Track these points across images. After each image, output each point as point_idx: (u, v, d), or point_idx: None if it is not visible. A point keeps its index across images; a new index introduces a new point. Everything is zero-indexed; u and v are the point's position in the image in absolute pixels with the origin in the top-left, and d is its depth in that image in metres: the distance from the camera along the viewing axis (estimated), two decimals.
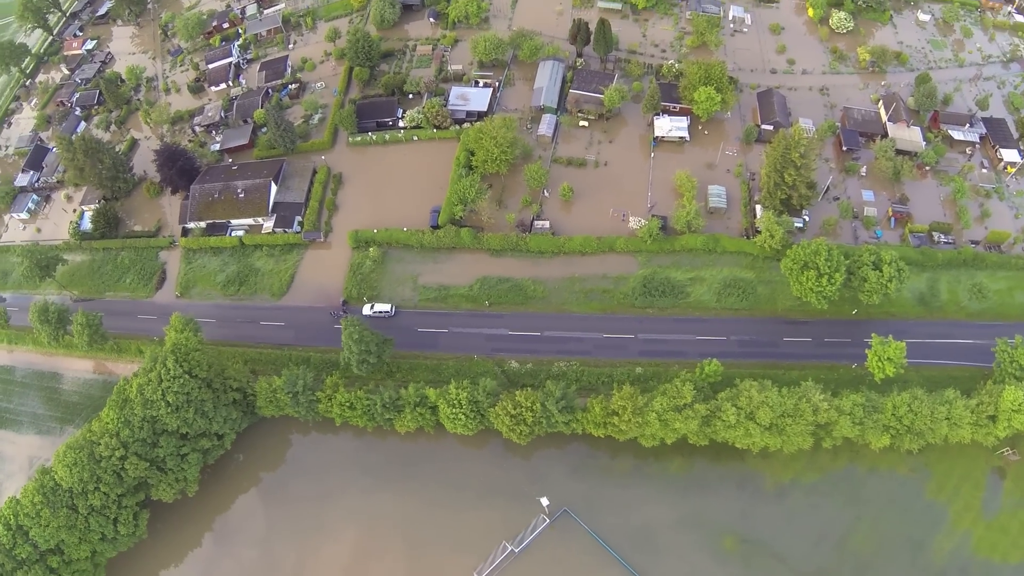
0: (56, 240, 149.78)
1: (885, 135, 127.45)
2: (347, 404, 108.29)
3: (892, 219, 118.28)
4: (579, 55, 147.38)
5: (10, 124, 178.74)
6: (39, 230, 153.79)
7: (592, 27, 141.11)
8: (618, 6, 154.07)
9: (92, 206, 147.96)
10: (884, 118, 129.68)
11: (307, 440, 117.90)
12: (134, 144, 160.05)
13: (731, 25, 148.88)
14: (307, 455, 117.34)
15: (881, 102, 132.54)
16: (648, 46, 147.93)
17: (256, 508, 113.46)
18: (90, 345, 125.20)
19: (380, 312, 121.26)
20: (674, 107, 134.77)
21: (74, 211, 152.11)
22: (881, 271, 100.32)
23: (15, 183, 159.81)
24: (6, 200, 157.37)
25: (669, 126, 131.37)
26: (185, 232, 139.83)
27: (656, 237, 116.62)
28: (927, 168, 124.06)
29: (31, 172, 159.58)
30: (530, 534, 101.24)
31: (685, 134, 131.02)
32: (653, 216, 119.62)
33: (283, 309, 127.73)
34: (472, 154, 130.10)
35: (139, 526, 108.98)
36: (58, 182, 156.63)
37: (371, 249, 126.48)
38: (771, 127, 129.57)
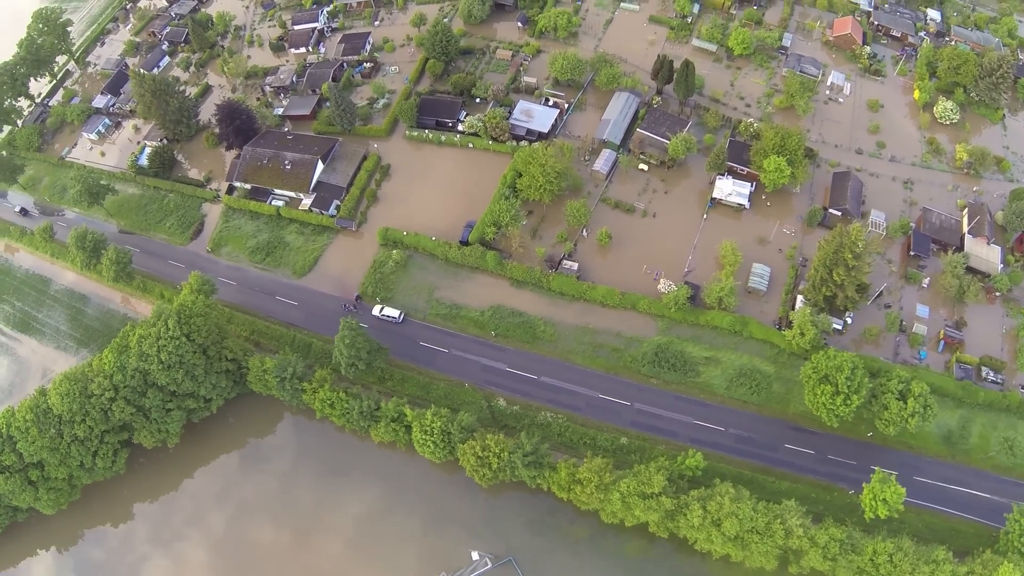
0: (115, 167, 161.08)
1: (960, 248, 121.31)
2: (328, 402, 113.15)
3: (942, 342, 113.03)
4: (659, 92, 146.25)
5: (103, 43, 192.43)
6: (103, 154, 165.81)
7: (677, 65, 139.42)
8: (712, 48, 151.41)
9: (153, 143, 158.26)
10: (964, 228, 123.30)
11: (294, 421, 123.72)
12: (207, 90, 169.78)
13: (827, 92, 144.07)
14: (289, 435, 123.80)
15: (966, 210, 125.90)
16: (733, 97, 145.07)
17: (224, 472, 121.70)
18: (115, 280, 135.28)
19: (388, 316, 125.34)
20: (741, 169, 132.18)
21: (137, 144, 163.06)
22: (905, 403, 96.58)
23: (92, 103, 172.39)
24: (81, 118, 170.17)
25: (730, 189, 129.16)
26: (230, 190, 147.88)
27: (682, 306, 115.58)
28: (997, 294, 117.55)
29: (108, 96, 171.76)
30: (469, 572, 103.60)
31: (745, 201, 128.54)
32: (685, 283, 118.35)
33: (300, 289, 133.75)
34: (519, 176, 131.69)
35: (117, 462, 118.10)
36: (131, 111, 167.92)
37: (395, 251, 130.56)
38: (839, 213, 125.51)
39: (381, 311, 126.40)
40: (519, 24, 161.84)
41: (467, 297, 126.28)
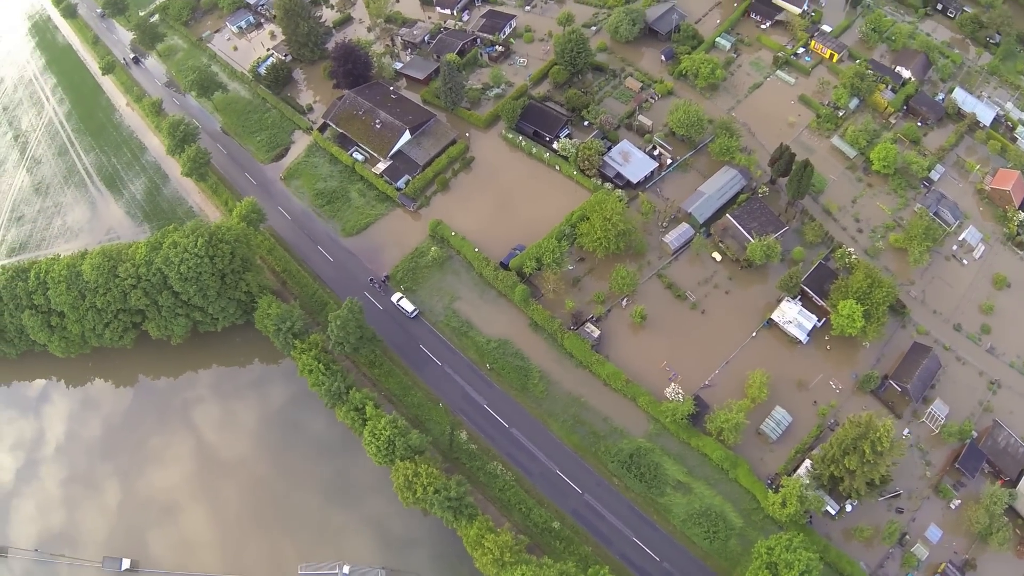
0: (239, 66, 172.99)
1: (1015, 483, 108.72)
2: (308, 367, 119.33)
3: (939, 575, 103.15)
4: (771, 182, 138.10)
5: None
6: (236, 48, 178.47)
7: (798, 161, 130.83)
8: (851, 153, 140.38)
9: (278, 56, 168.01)
10: None
11: (285, 366, 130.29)
12: (347, 21, 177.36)
13: (954, 247, 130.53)
14: (274, 376, 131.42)
15: None
16: (848, 215, 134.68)
17: (202, 382, 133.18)
18: (188, 175, 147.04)
19: (403, 308, 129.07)
20: (816, 299, 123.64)
21: (266, 51, 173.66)
22: None
23: None
24: (231, 8, 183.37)
25: (792, 317, 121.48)
26: (323, 128, 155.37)
27: (678, 421, 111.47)
28: None
29: None
30: (359, 571, 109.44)
31: (803, 336, 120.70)
32: (695, 397, 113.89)
33: (341, 248, 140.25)
34: (584, 219, 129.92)
35: (124, 338, 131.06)
36: (273, 16, 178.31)
37: (434, 248, 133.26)
38: (899, 389, 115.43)
39: (399, 300, 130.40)
40: (662, 57, 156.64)
41: (482, 319, 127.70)
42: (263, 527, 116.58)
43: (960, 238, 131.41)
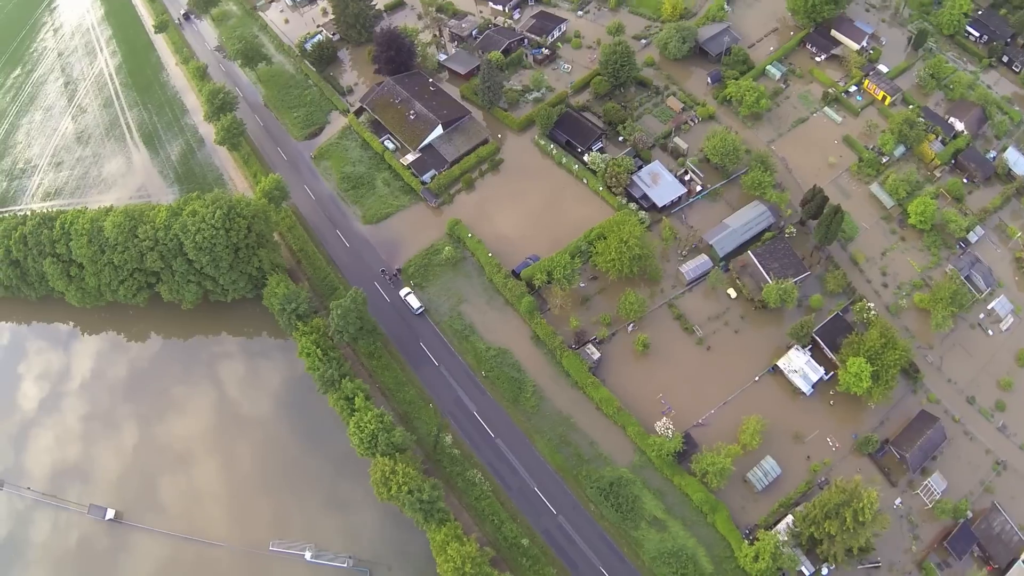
0: (287, 39, 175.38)
1: (1005, 570, 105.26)
2: (306, 351, 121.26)
3: None
4: (801, 223, 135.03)
5: None
6: (287, 21, 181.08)
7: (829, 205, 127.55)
8: (888, 203, 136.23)
9: (326, 34, 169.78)
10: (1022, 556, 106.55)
11: (288, 342, 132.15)
12: (400, 6, 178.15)
13: (981, 316, 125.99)
14: (274, 353, 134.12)
15: None
16: (875, 266, 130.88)
17: (205, 348, 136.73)
18: (220, 143, 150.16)
19: (409, 304, 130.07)
20: (827, 351, 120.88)
21: (316, 27, 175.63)
22: None
23: None
24: None
25: (799, 367, 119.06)
26: (358, 112, 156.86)
27: (664, 456, 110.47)
28: None
29: None
30: (327, 556, 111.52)
31: (807, 388, 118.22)
32: (685, 435, 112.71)
33: (359, 235, 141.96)
34: (602, 237, 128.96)
35: (137, 297, 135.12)
36: None
37: (447, 247, 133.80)
38: (898, 456, 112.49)
39: (406, 295, 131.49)
40: (709, 80, 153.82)
41: (486, 326, 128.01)
42: (243, 498, 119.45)
43: (989, 307, 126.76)
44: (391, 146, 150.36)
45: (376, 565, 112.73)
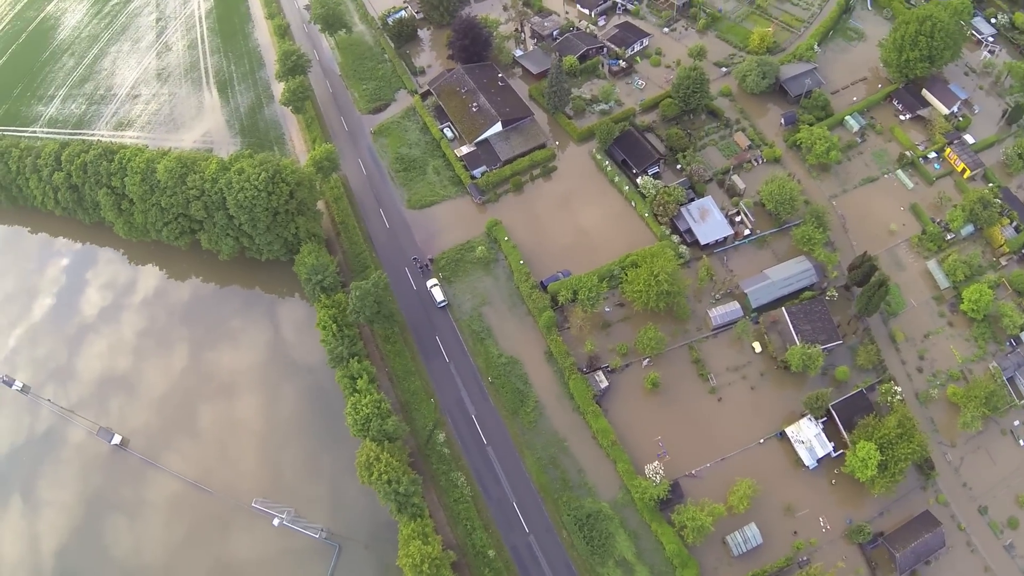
0: (372, 10, 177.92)
1: None
2: (323, 323, 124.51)
3: None
4: (846, 287, 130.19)
5: None
6: None
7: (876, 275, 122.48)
8: (944, 283, 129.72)
9: (410, 11, 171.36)
10: None
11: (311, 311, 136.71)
12: None
13: (1016, 423, 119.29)
14: (300, 317, 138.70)
15: None
16: (912, 347, 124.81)
17: (233, 299, 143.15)
18: (284, 104, 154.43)
19: (434, 296, 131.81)
20: (841, 427, 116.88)
21: (403, 2, 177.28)
22: None
23: None
24: None
25: (808, 438, 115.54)
26: (425, 95, 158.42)
27: (647, 501, 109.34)
28: None
29: None
30: (302, 523, 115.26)
31: (811, 462, 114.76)
32: (672, 483, 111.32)
33: (400, 218, 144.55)
34: (635, 265, 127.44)
35: (179, 240, 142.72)
36: None
37: (480, 247, 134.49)
38: (889, 553, 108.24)
39: (432, 287, 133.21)
40: (782, 121, 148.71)
41: (503, 332, 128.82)
42: (241, 451, 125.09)
43: None
44: (449, 135, 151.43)
45: (349, 542, 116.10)
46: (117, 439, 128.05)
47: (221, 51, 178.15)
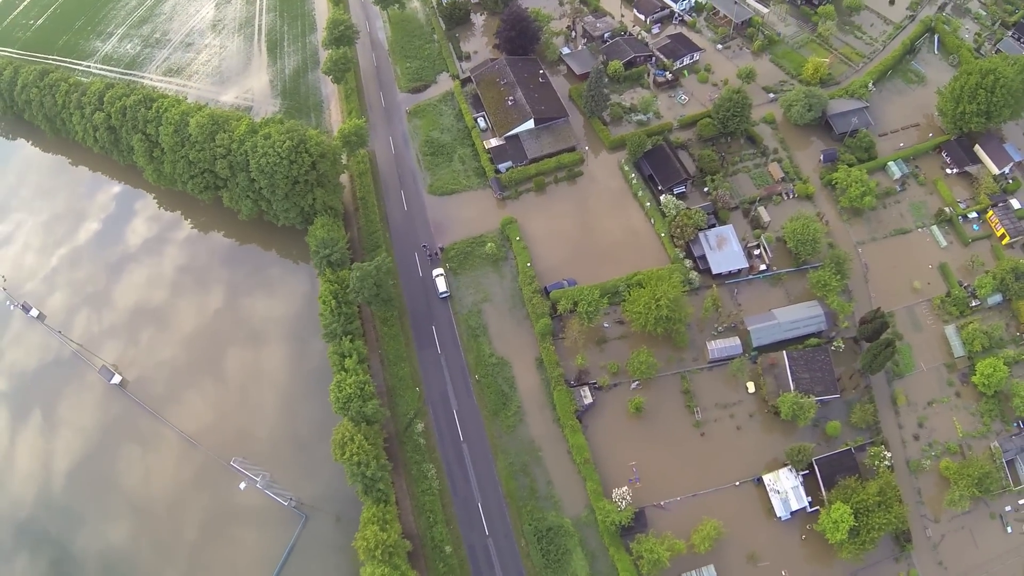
0: None
1: None
2: (323, 298, 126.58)
3: None
4: (855, 340, 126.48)
5: None
6: None
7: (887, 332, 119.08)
8: (959, 352, 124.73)
9: None
10: None
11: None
12: None
13: (1007, 508, 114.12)
14: (304, 284, 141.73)
15: None
16: (913, 413, 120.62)
17: (247, 259, 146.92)
18: (325, 73, 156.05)
19: (437, 286, 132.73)
20: (821, 484, 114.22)
21: None
22: None
23: None
24: None
25: (784, 488, 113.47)
26: (464, 81, 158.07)
27: (608, 524, 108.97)
28: None
29: None
30: (274, 489, 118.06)
31: (784, 513, 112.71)
32: (638, 511, 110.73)
33: (419, 201, 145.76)
34: (639, 285, 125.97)
35: (203, 194, 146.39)
36: None
37: (490, 243, 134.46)
38: None
39: (437, 276, 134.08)
40: (821, 157, 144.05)
41: (498, 332, 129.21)
42: (231, 409, 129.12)
43: (1020, 502, 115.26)
44: (483, 125, 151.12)
45: (318, 513, 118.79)
46: (116, 379, 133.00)
47: (276, 10, 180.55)
